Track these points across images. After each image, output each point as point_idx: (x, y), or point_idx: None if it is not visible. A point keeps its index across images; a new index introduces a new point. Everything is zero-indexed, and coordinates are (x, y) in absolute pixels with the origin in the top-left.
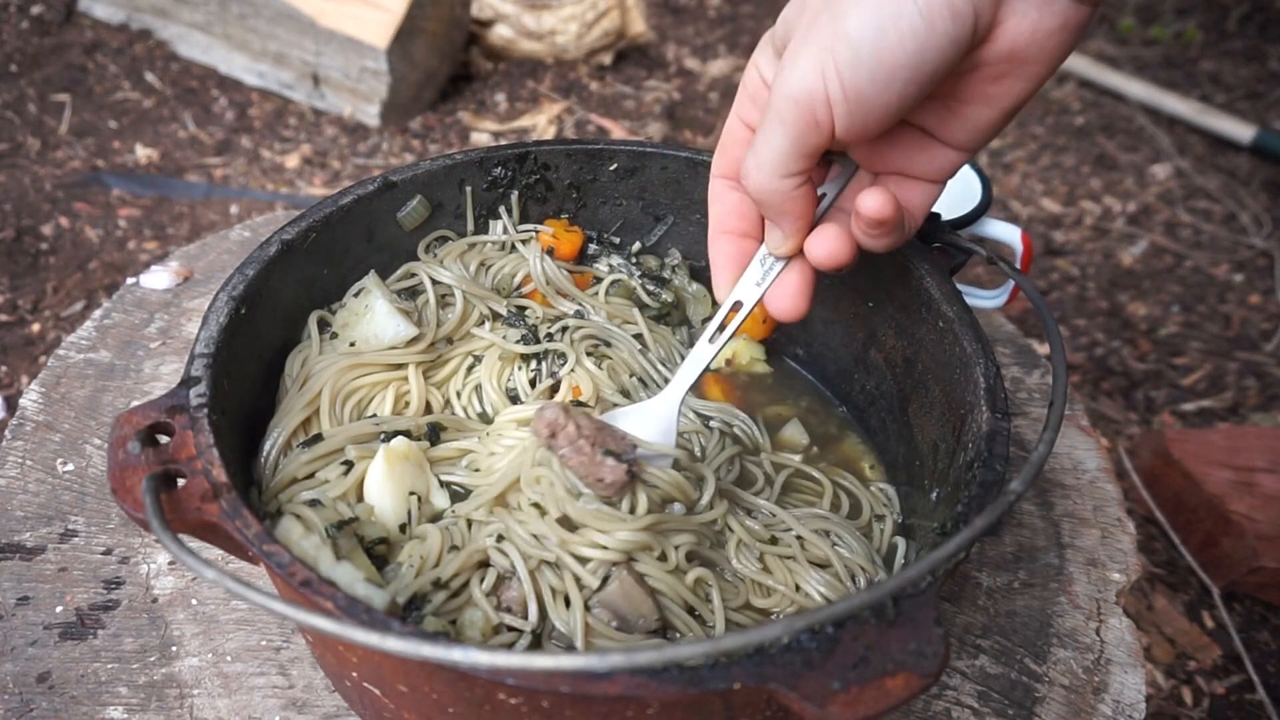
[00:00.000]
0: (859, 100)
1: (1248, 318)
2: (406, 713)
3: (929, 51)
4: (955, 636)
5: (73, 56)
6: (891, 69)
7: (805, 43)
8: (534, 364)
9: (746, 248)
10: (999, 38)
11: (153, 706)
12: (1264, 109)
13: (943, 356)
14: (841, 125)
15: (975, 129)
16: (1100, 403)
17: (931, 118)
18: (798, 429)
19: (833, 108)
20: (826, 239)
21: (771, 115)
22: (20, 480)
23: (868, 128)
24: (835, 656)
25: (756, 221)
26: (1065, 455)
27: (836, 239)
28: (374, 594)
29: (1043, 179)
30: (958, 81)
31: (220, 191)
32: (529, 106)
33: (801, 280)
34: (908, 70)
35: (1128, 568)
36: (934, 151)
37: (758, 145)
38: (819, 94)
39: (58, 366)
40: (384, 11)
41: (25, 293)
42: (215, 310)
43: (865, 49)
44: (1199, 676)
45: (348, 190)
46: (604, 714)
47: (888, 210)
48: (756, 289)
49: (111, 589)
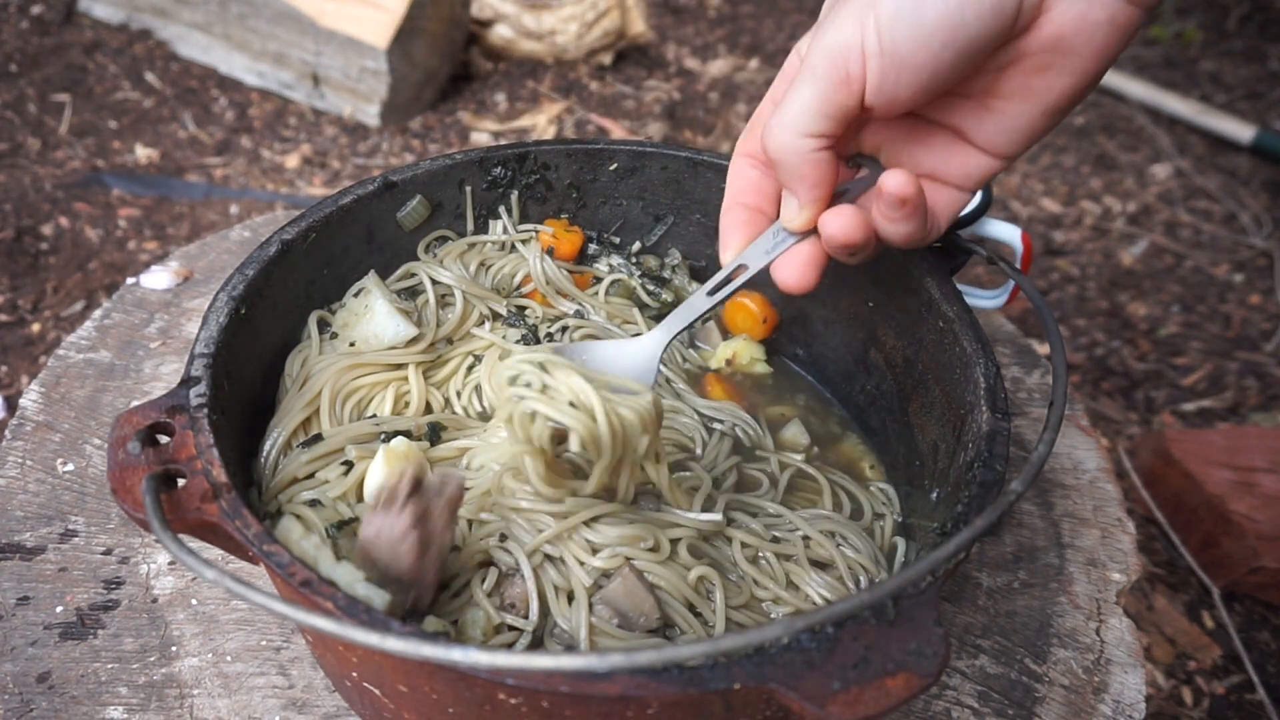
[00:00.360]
0: (895, 55)
1: (1248, 318)
2: (406, 713)
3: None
4: (955, 636)
5: (73, 56)
6: (932, 26)
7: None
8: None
9: (759, 221)
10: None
11: (153, 706)
12: (1264, 109)
13: (943, 356)
14: (874, 82)
15: (1013, 130)
16: (1100, 403)
17: (968, 118)
18: (798, 429)
19: (867, 61)
20: (842, 215)
21: (805, 70)
22: (20, 480)
23: (899, 92)
24: (835, 656)
25: (773, 198)
26: (1065, 455)
27: (852, 217)
28: (374, 594)
29: (1043, 179)
30: (999, 76)
31: (220, 191)
32: (529, 106)
33: (813, 251)
34: (947, 30)
35: (1128, 568)
36: (966, 155)
37: (785, 101)
38: (855, 46)
39: (58, 366)
40: (384, 11)
41: (25, 293)
42: (215, 310)
43: (907, 4)
44: (1199, 676)
45: (348, 190)
46: (604, 714)
47: (910, 189)
48: (764, 256)
49: (111, 589)
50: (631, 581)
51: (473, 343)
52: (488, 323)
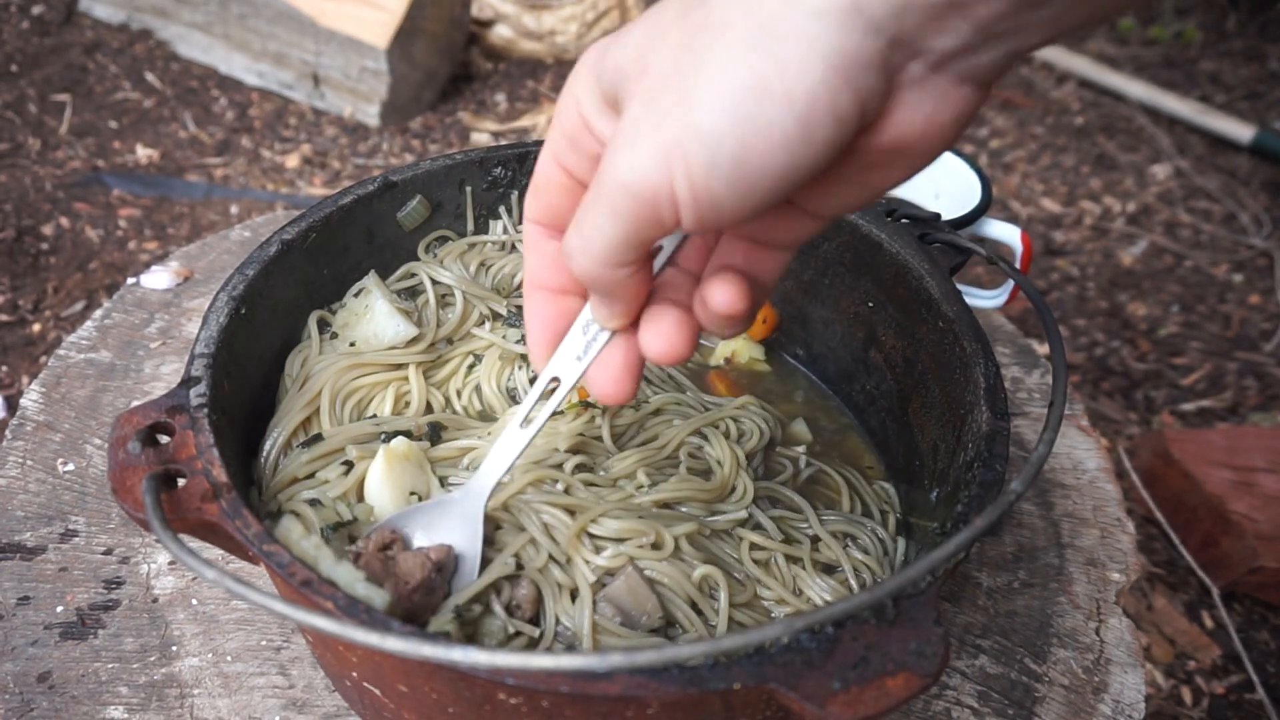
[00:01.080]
0: (712, 205)
1: (1248, 318)
2: (406, 713)
3: (802, 160)
4: (955, 636)
5: (73, 56)
6: (755, 179)
7: (646, 125)
8: None
9: (566, 307)
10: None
11: (153, 706)
12: (1264, 109)
13: (943, 356)
14: (689, 223)
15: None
16: (1100, 403)
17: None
18: (802, 427)
19: (680, 209)
20: (662, 332)
21: (603, 201)
22: (20, 480)
23: (720, 226)
24: (835, 656)
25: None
26: (1065, 455)
27: (675, 330)
28: (374, 594)
29: (1043, 179)
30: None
31: (220, 191)
32: (529, 106)
33: (629, 358)
34: (773, 180)
35: (1127, 568)
36: (793, 220)
37: (585, 228)
38: (663, 191)
39: (58, 366)
40: (384, 11)
41: (25, 293)
42: (215, 310)
43: (723, 153)
44: (1199, 676)
45: (348, 190)
46: (604, 714)
47: (741, 304)
48: (577, 363)
49: (112, 589)
50: (634, 580)
51: (473, 343)
52: (488, 323)
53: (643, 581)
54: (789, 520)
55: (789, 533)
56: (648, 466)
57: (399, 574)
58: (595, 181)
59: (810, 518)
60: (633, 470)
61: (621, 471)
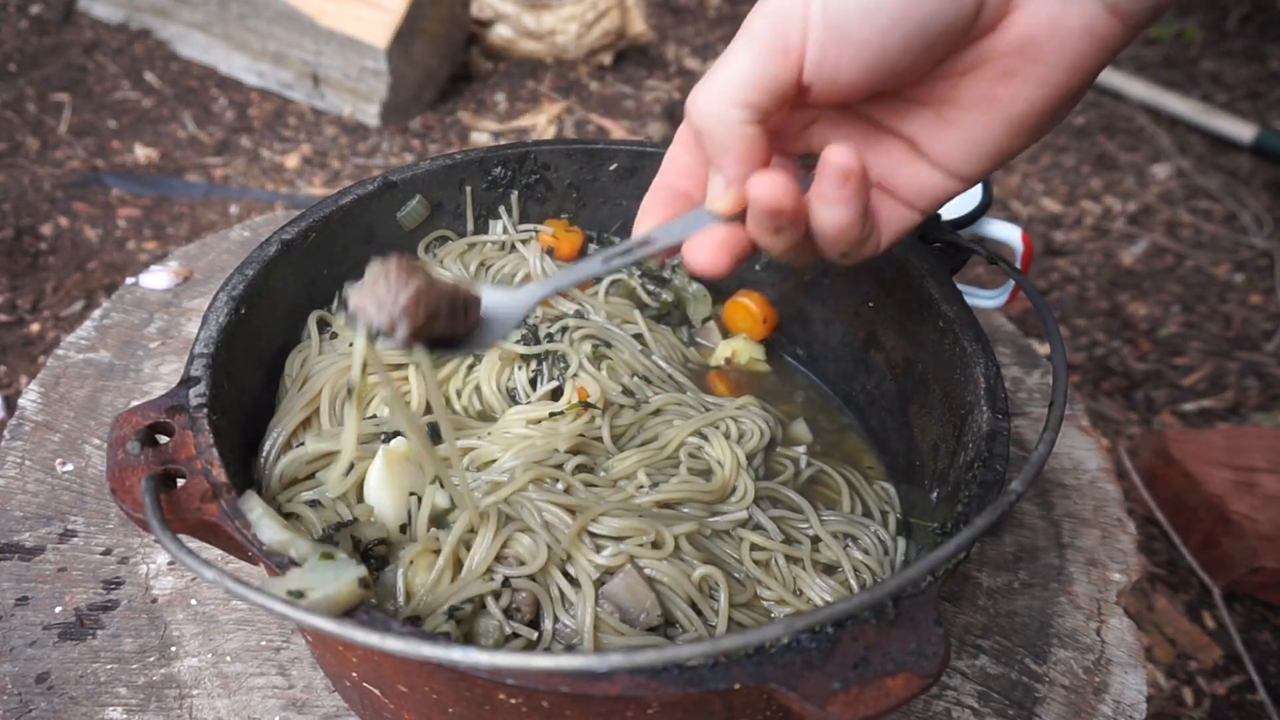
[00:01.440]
0: (838, 28)
1: (1248, 318)
2: (406, 713)
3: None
4: (955, 636)
5: (72, 56)
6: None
7: None
8: (534, 364)
9: (682, 203)
10: (1010, 26)
11: (152, 707)
12: (1265, 109)
13: (943, 356)
14: (813, 56)
15: (972, 145)
16: (1100, 403)
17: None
18: (803, 427)
19: (808, 31)
20: (772, 177)
21: (741, 36)
22: (19, 480)
23: (840, 72)
24: (835, 656)
25: (703, 182)
26: (1065, 455)
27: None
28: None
29: (1043, 179)
30: (958, 81)
31: (220, 191)
32: (529, 106)
33: (730, 235)
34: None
35: (1128, 568)
36: (919, 168)
37: (717, 67)
38: (796, 13)
39: (57, 366)
40: (384, 11)
41: (25, 293)
42: (215, 310)
43: None
44: (1200, 677)
45: (348, 190)
46: (604, 714)
47: (854, 163)
48: (677, 235)
49: (111, 589)
50: (633, 577)
51: None
52: None
53: (641, 579)
54: (789, 520)
55: (789, 533)
56: (648, 467)
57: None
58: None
59: (810, 518)
60: (633, 470)
61: (622, 472)
